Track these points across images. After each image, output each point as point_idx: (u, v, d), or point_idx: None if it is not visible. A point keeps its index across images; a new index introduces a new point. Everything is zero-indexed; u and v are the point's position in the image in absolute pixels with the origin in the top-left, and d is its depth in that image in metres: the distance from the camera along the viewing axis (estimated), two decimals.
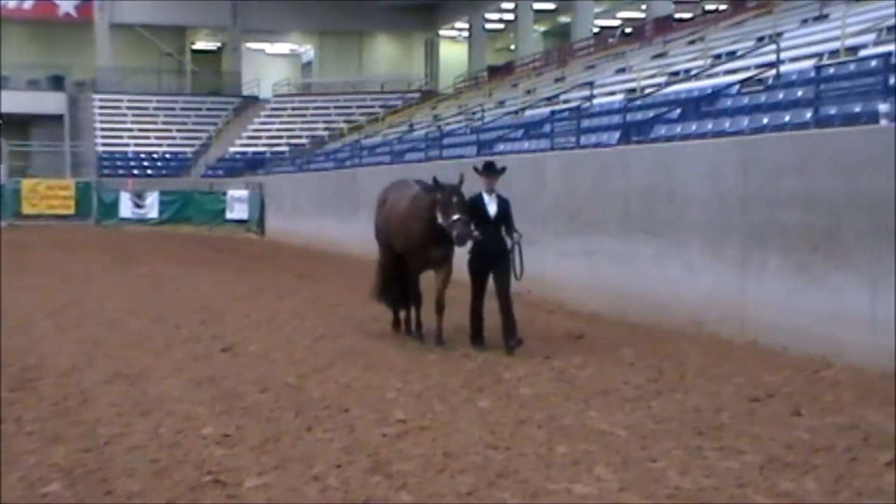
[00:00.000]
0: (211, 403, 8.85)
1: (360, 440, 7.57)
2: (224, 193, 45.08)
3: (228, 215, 43.82)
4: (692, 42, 33.76)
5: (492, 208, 11.37)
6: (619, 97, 26.70)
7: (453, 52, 66.12)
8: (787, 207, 11.43)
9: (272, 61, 68.56)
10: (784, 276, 11.44)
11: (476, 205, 11.33)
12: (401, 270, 12.48)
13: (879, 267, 10.18)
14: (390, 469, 6.79)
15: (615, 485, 6.42)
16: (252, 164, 51.98)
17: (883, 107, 12.63)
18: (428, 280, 12.21)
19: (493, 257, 11.34)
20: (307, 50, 68.63)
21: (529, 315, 13.04)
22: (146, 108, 58.98)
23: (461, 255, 11.63)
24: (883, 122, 12.04)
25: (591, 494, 6.22)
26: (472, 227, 11.05)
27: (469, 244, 11.16)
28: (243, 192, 43.23)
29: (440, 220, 11.16)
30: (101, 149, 54.34)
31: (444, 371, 10.34)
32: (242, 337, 12.59)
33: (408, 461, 6.99)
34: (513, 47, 59.86)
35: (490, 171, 11.46)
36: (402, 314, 12.83)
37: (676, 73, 27.27)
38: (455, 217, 10.98)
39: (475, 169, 11.58)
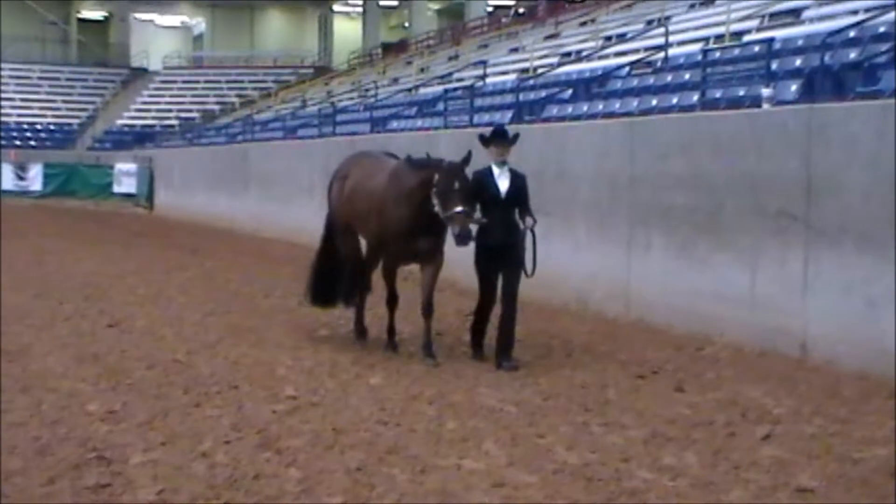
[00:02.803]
0: (96, 380, 8.68)
1: (250, 416, 7.51)
2: (111, 167, 44.37)
3: (116, 189, 43.13)
4: (584, 24, 34.13)
5: (503, 185, 9.24)
6: (512, 77, 26.86)
7: (347, 28, 65.67)
8: (672, 188, 11.63)
9: (162, 33, 67.17)
10: (668, 256, 11.65)
11: (483, 182, 9.24)
12: (359, 262, 10.67)
13: (758, 247, 10.45)
14: (280, 445, 6.74)
15: (503, 460, 6.47)
16: (141, 138, 51.10)
17: (765, 91, 12.93)
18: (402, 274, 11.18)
19: (503, 249, 9.21)
20: (198, 22, 67.49)
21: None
22: (29, 78, 57.52)
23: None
24: (765, 105, 12.32)
25: (479, 470, 6.26)
26: (477, 216, 9.17)
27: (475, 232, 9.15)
28: (131, 166, 42.52)
29: (436, 208, 9.06)
30: None
31: (336, 348, 10.30)
32: (129, 313, 12.36)
33: (297, 437, 6.95)
34: (407, 25, 59.79)
35: (501, 140, 9.36)
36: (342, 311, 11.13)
37: (568, 55, 27.52)
38: (457, 209, 8.87)
39: (481, 138, 9.52)
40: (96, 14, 65.98)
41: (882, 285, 9.11)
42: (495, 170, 9.28)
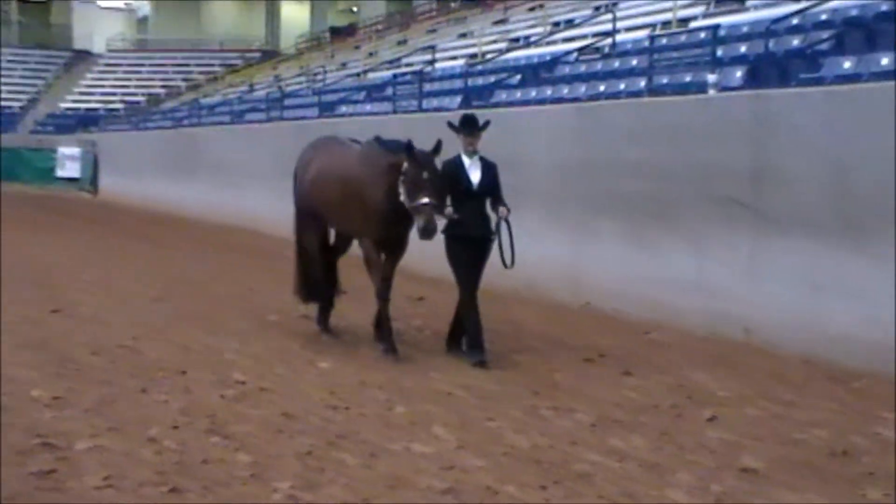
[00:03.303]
0: (41, 366, 8.57)
1: (198, 402, 7.47)
2: (54, 151, 43.87)
3: (59, 173, 42.68)
4: (532, 10, 34.09)
5: (475, 175, 8.87)
6: (461, 62, 26.84)
7: (295, 12, 65.14)
8: (620, 174, 11.71)
9: (106, 15, 66.20)
10: (617, 242, 11.74)
11: (454, 172, 8.84)
12: (329, 254, 10.28)
13: (706, 233, 10.56)
14: (228, 430, 6.72)
15: (453, 444, 6.50)
16: (85, 122, 50.46)
17: (711, 77, 13.03)
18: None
19: (477, 242, 8.93)
20: (143, 4, 66.56)
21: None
22: None
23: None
24: (711, 91, 12.42)
25: (429, 453, 6.28)
26: (446, 209, 8.75)
27: (442, 226, 8.73)
28: (75, 150, 42.10)
29: (403, 198, 8.59)
30: None
31: (285, 333, 10.28)
32: (75, 299, 12.23)
33: (246, 422, 6.94)
34: (355, 9, 59.41)
35: (471, 128, 8.95)
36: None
37: (516, 40, 27.54)
38: (423, 200, 8.40)
39: (450, 125, 9.12)
40: None
41: (826, 271, 9.25)
42: (466, 160, 8.92)
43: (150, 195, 30.96)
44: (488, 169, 8.99)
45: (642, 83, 15.12)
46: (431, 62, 27.92)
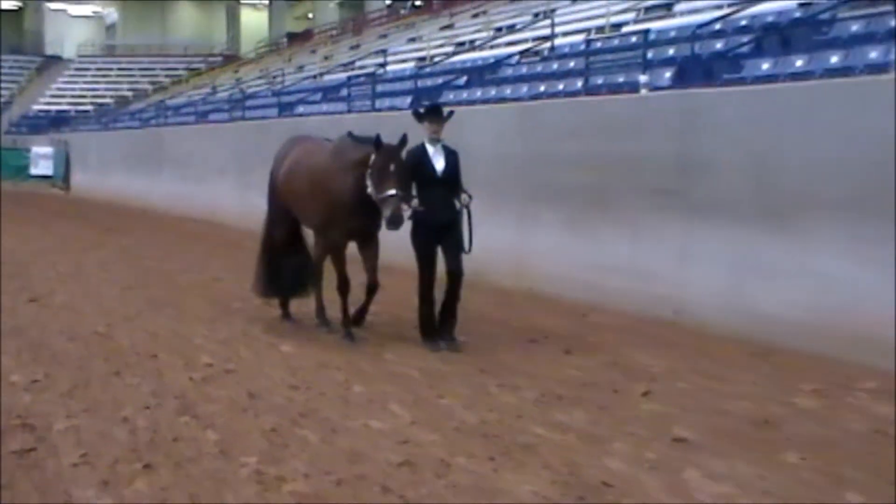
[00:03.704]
0: (17, 352, 8.46)
1: (168, 384, 7.41)
2: (28, 150, 43.61)
3: (33, 171, 42.44)
4: (476, 15, 34.11)
5: (439, 164, 8.52)
6: (411, 65, 26.78)
7: (254, 18, 64.74)
8: (560, 168, 11.74)
9: (75, 22, 65.32)
10: (557, 230, 11.77)
11: (419, 160, 8.46)
12: (294, 248, 9.93)
13: (639, 221, 10.62)
14: (197, 410, 6.68)
15: (407, 420, 6.50)
16: (56, 122, 49.83)
17: (642, 78, 13.10)
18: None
19: (442, 227, 8.54)
20: (110, 12, 65.75)
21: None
22: None
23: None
24: (642, 91, 12.49)
25: (385, 429, 6.27)
26: (412, 201, 8.39)
27: (408, 215, 8.40)
28: (48, 149, 41.78)
29: (370, 189, 8.28)
30: None
31: (249, 319, 10.20)
32: (49, 289, 12.08)
33: (214, 402, 6.89)
34: (311, 16, 59.12)
35: (435, 116, 8.57)
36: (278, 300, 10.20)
37: (462, 44, 27.50)
38: (390, 192, 8.08)
39: (415, 114, 8.80)
40: (10, 3, 63.79)
41: (748, 255, 9.34)
42: (429, 148, 8.55)
43: (120, 191, 30.61)
44: (450, 156, 8.64)
45: (579, 83, 15.17)
46: (383, 65, 27.84)
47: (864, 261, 8.27)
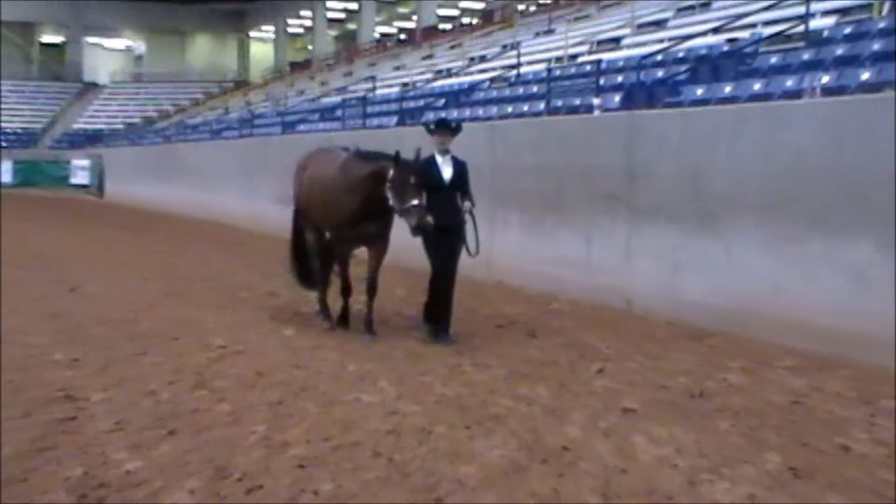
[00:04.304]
0: (58, 334, 8.41)
1: (187, 363, 7.36)
2: (68, 162, 43.66)
3: (72, 180, 42.64)
4: (453, 47, 34.14)
5: (446, 172, 8.18)
6: (396, 89, 26.75)
7: (261, 49, 64.58)
8: (524, 177, 11.75)
9: (109, 54, 65.14)
10: (521, 231, 11.78)
11: (428, 169, 8.06)
12: (323, 248, 9.28)
13: (592, 223, 10.63)
14: (212, 385, 6.64)
15: (394, 394, 6.48)
16: (92, 139, 49.65)
17: (595, 101, 13.16)
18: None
19: (448, 229, 8.09)
20: (139, 45, 65.45)
21: None
22: None
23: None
24: (595, 111, 12.53)
25: (375, 402, 6.26)
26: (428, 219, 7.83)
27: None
28: (85, 162, 41.92)
29: (392, 202, 7.83)
30: None
31: (256, 307, 10.15)
32: (82, 280, 11.97)
33: (226, 379, 6.85)
34: (310, 47, 58.90)
35: (444, 129, 8.33)
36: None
37: (441, 71, 27.53)
38: (413, 202, 7.67)
39: (426, 128, 8.52)
40: (55, 39, 63.50)
41: (685, 252, 9.37)
42: (438, 158, 8.21)
43: (144, 197, 30.43)
44: (458, 167, 8.27)
45: (541, 105, 15.22)
46: (373, 89, 27.78)
47: (781, 256, 8.32)
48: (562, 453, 5.22)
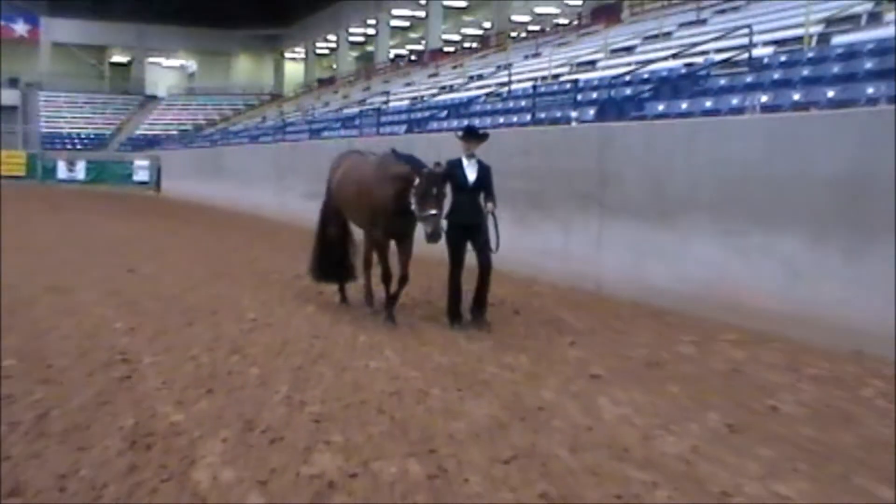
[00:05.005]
0: (118, 307, 8.44)
1: (224, 333, 7.38)
2: (131, 162, 44.46)
3: (134, 178, 43.49)
4: (455, 67, 34.00)
5: (471, 174, 7.78)
6: (406, 102, 26.67)
7: (294, 67, 64.42)
8: (513, 178, 11.70)
9: (167, 71, 65.25)
10: (511, 225, 11.69)
11: (454, 170, 7.71)
12: (343, 242, 9.00)
13: (569, 218, 10.62)
14: (245, 352, 6.65)
15: (398, 361, 6.49)
16: (151, 143, 49.81)
17: (573, 114, 13.11)
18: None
19: (470, 227, 7.74)
20: (191, 63, 65.52)
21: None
22: (76, 102, 57.13)
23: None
24: (573, 123, 12.49)
25: (381, 368, 6.27)
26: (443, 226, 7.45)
27: (445, 211, 7.52)
28: (145, 162, 42.56)
29: (413, 206, 7.37)
30: (44, 130, 52.34)
31: (283, 287, 10.15)
32: (138, 263, 11.98)
33: (257, 346, 6.86)
34: (335, 66, 58.69)
35: (471, 136, 7.94)
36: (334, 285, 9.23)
37: (444, 87, 27.42)
38: (431, 212, 7.22)
39: (456, 134, 8.12)
40: (123, 58, 63.91)
41: (648, 244, 9.37)
42: (464, 161, 7.82)
43: (193, 193, 30.40)
44: (482, 170, 7.85)
45: (528, 117, 15.16)
46: (386, 102, 27.70)
47: (728, 247, 8.32)
48: (538, 412, 5.23)
